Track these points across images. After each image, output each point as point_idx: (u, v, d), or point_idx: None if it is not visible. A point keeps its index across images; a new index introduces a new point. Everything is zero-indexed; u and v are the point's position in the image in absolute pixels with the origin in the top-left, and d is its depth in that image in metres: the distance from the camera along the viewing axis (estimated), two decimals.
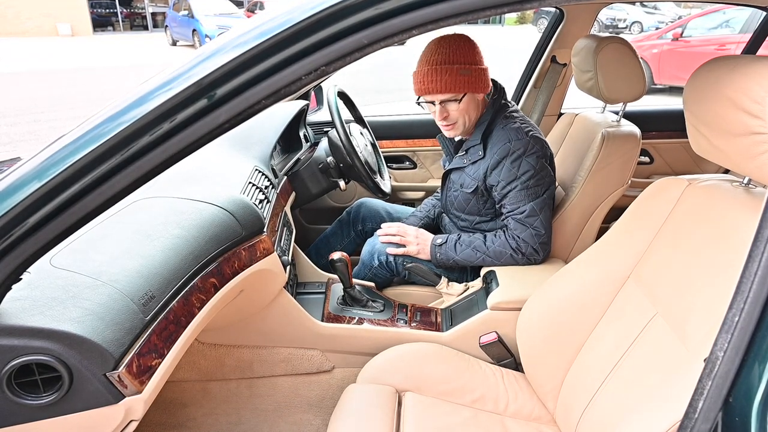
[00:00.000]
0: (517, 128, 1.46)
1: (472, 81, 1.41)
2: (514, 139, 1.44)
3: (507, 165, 1.44)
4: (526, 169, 1.44)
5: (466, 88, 1.42)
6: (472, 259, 1.54)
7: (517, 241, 1.48)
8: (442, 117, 1.48)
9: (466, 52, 1.40)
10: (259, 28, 0.61)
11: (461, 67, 1.39)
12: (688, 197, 1.00)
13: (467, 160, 1.55)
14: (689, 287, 0.91)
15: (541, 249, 1.48)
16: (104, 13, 19.46)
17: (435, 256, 1.58)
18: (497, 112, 1.51)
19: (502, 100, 1.53)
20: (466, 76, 1.40)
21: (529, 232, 1.46)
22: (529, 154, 1.44)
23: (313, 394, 1.52)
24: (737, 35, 6.95)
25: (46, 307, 0.76)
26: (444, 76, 1.39)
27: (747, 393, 0.62)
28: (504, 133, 1.46)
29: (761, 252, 0.60)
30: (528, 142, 1.44)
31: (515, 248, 1.48)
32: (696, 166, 2.48)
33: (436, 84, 1.40)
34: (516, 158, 1.44)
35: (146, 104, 0.62)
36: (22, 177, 0.63)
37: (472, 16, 0.59)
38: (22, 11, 17.06)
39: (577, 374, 1.12)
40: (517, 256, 1.49)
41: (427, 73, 1.41)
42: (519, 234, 1.47)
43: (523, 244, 1.47)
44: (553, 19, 2.26)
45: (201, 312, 1.02)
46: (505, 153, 1.44)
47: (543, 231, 1.47)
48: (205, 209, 1.15)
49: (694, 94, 0.88)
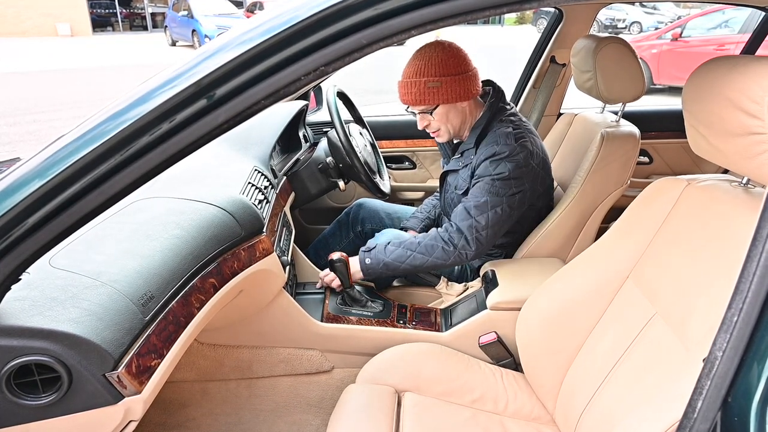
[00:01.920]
0: (507, 133, 1.46)
1: (443, 93, 1.42)
2: (501, 142, 1.44)
3: (486, 164, 1.45)
4: (501, 171, 1.43)
5: (436, 100, 1.44)
6: (402, 258, 1.46)
7: (449, 232, 1.44)
8: (423, 126, 1.52)
9: (439, 64, 1.40)
10: (259, 29, 0.61)
11: (429, 80, 1.41)
12: (687, 197, 1.00)
13: (461, 163, 1.55)
14: (688, 287, 0.91)
15: (474, 243, 1.43)
16: (104, 13, 19.45)
17: (363, 261, 1.50)
18: (494, 115, 1.51)
19: (500, 103, 1.53)
20: (435, 88, 1.41)
21: (470, 222, 1.43)
22: (510, 159, 1.43)
23: (313, 394, 1.52)
24: (736, 35, 6.95)
25: (45, 308, 0.76)
26: (412, 89, 1.43)
27: (746, 393, 0.62)
28: (494, 136, 1.47)
29: (760, 252, 0.60)
30: (514, 148, 1.43)
31: (447, 240, 1.44)
32: (695, 166, 2.48)
33: (406, 96, 1.45)
34: (496, 159, 1.44)
35: (146, 104, 0.62)
36: (22, 177, 0.63)
37: (471, 16, 0.59)
38: (21, 11, 17.05)
39: (577, 374, 1.12)
40: (448, 248, 1.44)
41: (400, 86, 1.46)
42: (458, 221, 1.44)
43: (456, 235, 1.43)
44: (553, 19, 2.26)
45: (200, 312, 1.02)
46: (489, 154, 1.45)
47: (483, 225, 1.43)
48: (204, 209, 1.15)
49: (693, 94, 0.88)
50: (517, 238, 1.64)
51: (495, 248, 1.67)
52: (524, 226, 1.61)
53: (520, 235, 1.63)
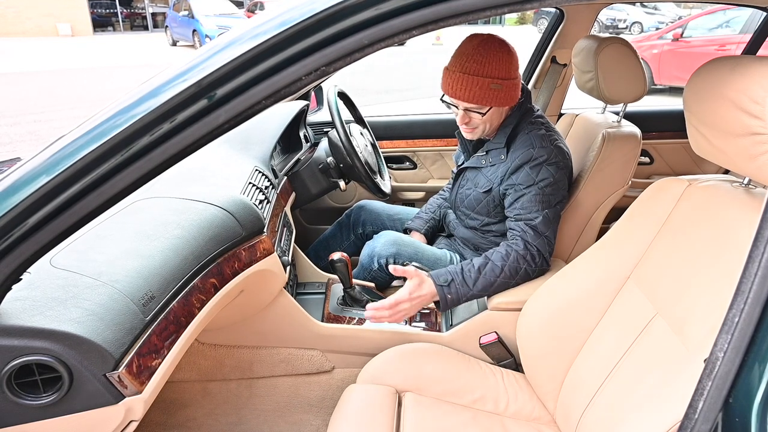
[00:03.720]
0: (542, 135, 1.44)
1: (502, 96, 1.38)
2: (538, 146, 1.42)
3: (527, 170, 1.42)
4: (545, 177, 1.41)
5: (493, 102, 1.39)
6: (488, 286, 1.37)
7: (530, 251, 1.39)
8: (464, 122, 1.46)
9: (503, 66, 1.36)
10: (260, 28, 0.61)
11: (493, 81, 1.35)
12: (689, 198, 1.00)
13: (486, 162, 1.52)
14: (689, 288, 0.91)
15: (549, 256, 1.43)
16: (104, 13, 19.47)
17: (444, 298, 1.36)
18: (523, 116, 1.49)
19: (528, 104, 1.51)
20: (496, 90, 1.36)
21: (543, 240, 1.40)
22: (551, 163, 1.42)
23: (313, 394, 1.52)
24: (737, 35, 6.95)
25: (46, 308, 0.76)
26: (474, 87, 1.36)
27: (747, 393, 0.62)
28: (528, 138, 1.44)
29: (761, 252, 0.60)
30: (552, 151, 1.42)
31: (530, 260, 1.39)
32: (696, 167, 2.48)
33: (464, 93, 1.37)
34: (537, 164, 1.41)
35: (146, 104, 0.62)
36: (23, 177, 0.63)
37: (472, 16, 0.59)
38: (22, 11, 17.07)
39: (577, 374, 1.12)
40: (531, 268, 1.39)
41: (457, 80, 1.37)
42: (533, 241, 1.39)
43: (537, 254, 1.39)
44: (553, 19, 2.26)
45: (201, 312, 1.02)
46: (527, 158, 1.42)
47: (553, 241, 1.43)
48: (205, 209, 1.15)
49: (694, 94, 0.88)
50: None
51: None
52: None
53: None
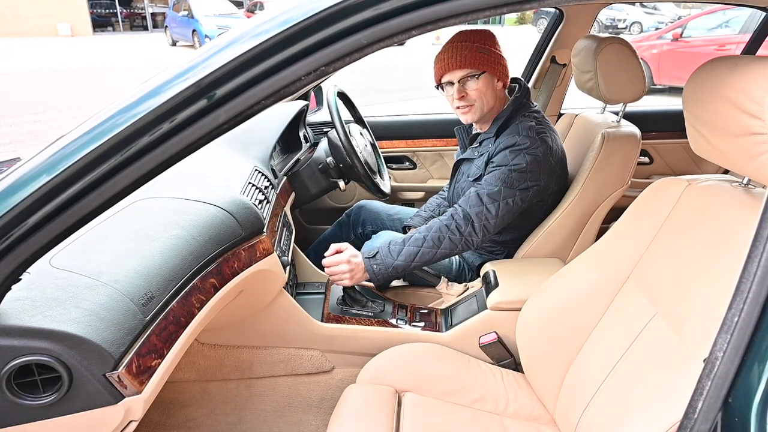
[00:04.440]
0: (530, 126, 1.48)
1: (491, 61, 1.47)
2: (523, 134, 1.46)
3: (506, 153, 1.45)
4: (519, 162, 1.43)
5: (484, 66, 1.46)
6: (411, 257, 1.42)
7: (455, 219, 1.42)
8: (460, 96, 1.49)
9: (486, 37, 1.49)
10: (259, 28, 0.61)
11: (481, 47, 1.46)
12: (688, 197, 1.00)
13: (477, 152, 1.57)
14: (689, 287, 0.91)
15: (480, 230, 1.42)
16: (104, 13, 19.48)
17: (371, 269, 1.43)
18: (517, 109, 1.53)
19: (525, 99, 1.55)
20: (485, 54, 1.46)
21: (480, 209, 1.41)
22: (530, 152, 1.44)
23: (313, 394, 1.52)
24: (737, 35, 6.95)
25: (45, 308, 0.76)
26: (464, 51, 1.45)
27: (746, 393, 0.62)
28: (516, 127, 1.49)
29: (760, 252, 0.60)
30: (534, 141, 1.45)
31: (454, 228, 1.41)
32: (696, 167, 2.48)
33: (456, 59, 1.46)
34: (516, 150, 1.44)
35: (146, 104, 0.62)
36: (22, 177, 0.63)
37: (471, 16, 0.59)
38: (21, 11, 17.07)
39: (577, 374, 1.12)
40: (455, 236, 1.41)
41: (446, 51, 1.48)
42: (467, 207, 1.42)
43: (463, 222, 1.41)
44: (553, 19, 2.26)
45: (201, 312, 1.02)
46: (510, 143, 1.46)
47: (493, 215, 1.42)
48: (204, 210, 1.15)
49: (693, 94, 0.88)
50: (522, 234, 1.64)
51: (497, 245, 1.67)
52: (530, 222, 1.61)
53: (525, 231, 1.63)
